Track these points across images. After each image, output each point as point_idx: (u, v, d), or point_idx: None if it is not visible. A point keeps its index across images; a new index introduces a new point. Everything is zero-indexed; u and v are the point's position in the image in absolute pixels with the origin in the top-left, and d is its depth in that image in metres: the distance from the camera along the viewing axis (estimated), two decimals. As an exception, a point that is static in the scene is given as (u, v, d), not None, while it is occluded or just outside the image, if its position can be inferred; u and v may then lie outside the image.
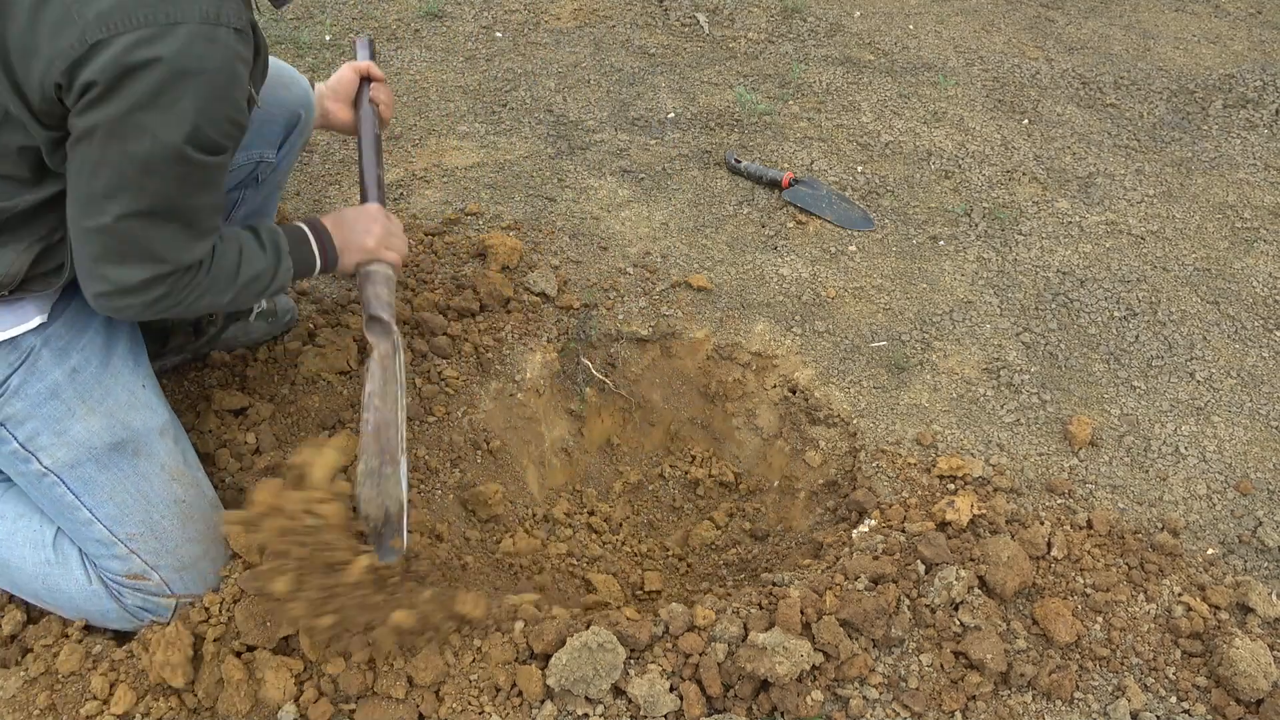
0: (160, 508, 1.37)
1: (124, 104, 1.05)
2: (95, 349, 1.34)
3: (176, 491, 1.39)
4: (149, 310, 1.22)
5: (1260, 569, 1.70)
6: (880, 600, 1.47)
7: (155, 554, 1.37)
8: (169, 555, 1.38)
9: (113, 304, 1.20)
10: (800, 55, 3.19)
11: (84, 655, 1.37)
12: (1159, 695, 1.49)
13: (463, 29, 3.20)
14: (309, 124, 1.71)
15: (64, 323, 1.32)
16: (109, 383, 1.34)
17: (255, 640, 1.35)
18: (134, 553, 1.36)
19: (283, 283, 1.38)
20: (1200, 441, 1.93)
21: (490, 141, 2.64)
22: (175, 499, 1.38)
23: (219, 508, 1.46)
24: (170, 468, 1.39)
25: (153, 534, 1.36)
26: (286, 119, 1.65)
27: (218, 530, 1.43)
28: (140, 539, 1.35)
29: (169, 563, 1.38)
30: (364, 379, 1.43)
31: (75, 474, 1.32)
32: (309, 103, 1.68)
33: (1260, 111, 3.02)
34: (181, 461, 1.42)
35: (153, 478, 1.36)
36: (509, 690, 1.37)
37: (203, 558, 1.41)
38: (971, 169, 2.68)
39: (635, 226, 2.37)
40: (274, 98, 1.56)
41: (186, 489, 1.41)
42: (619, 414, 2.16)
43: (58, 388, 1.30)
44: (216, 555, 1.43)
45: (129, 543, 1.35)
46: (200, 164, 1.13)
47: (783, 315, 2.15)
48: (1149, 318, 2.22)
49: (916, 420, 1.93)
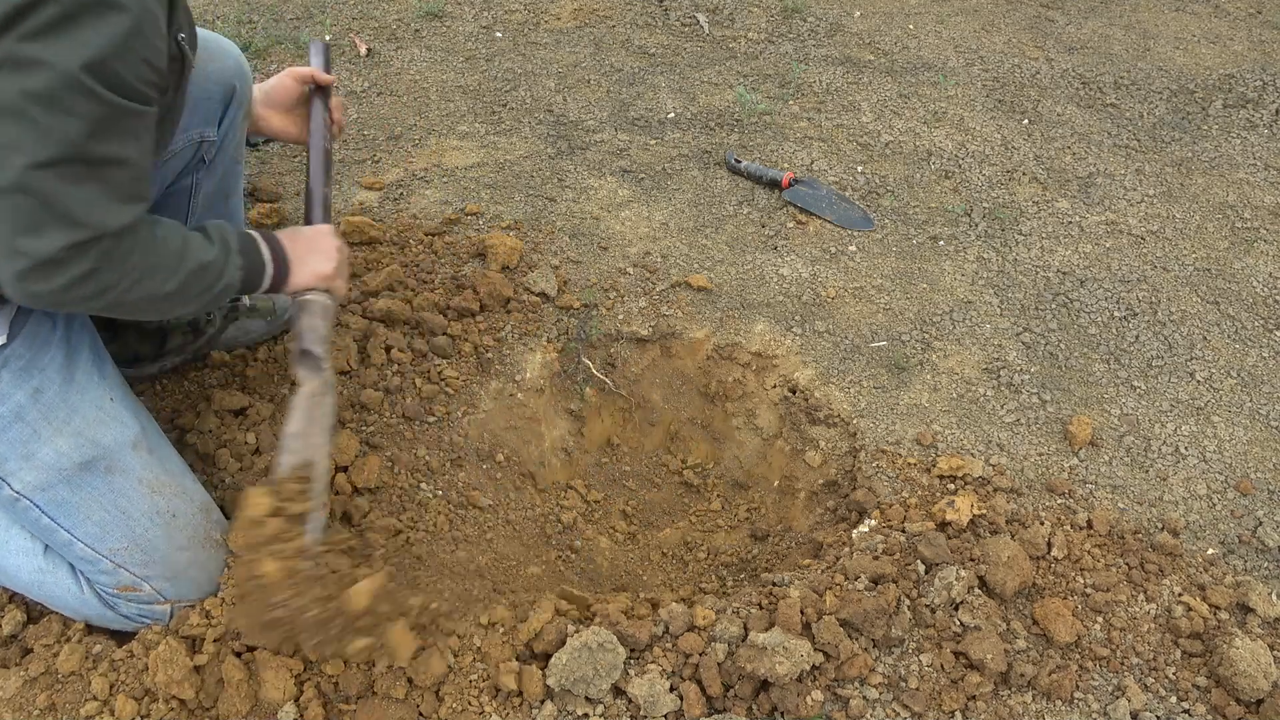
0: (143, 521, 1.32)
1: (18, 35, 0.97)
2: (57, 366, 1.27)
3: (158, 503, 1.34)
4: (80, 291, 1.09)
5: (1260, 569, 1.70)
6: (880, 600, 1.47)
7: (143, 565, 1.34)
8: (158, 566, 1.35)
9: (36, 287, 1.07)
10: (800, 55, 3.19)
11: (84, 656, 1.37)
12: (1159, 695, 1.49)
13: (463, 29, 3.20)
14: (246, 95, 1.62)
15: (23, 341, 1.24)
16: (74, 400, 1.28)
17: (255, 640, 1.35)
18: (121, 566, 1.32)
19: (232, 280, 1.28)
20: (1200, 441, 1.93)
21: (490, 141, 2.64)
22: (157, 511, 1.34)
23: (210, 510, 1.43)
24: (148, 480, 1.33)
25: (138, 547, 1.33)
26: (222, 93, 1.57)
27: (209, 534, 1.39)
28: (125, 553, 1.32)
29: (159, 573, 1.35)
30: (287, 415, 1.34)
31: (47, 497, 1.27)
32: (242, 72, 1.59)
33: (1260, 111, 3.02)
34: (161, 471, 1.36)
35: (130, 492, 1.31)
36: (509, 690, 1.37)
37: (193, 564, 1.38)
38: (971, 169, 2.68)
39: (635, 226, 2.37)
40: (204, 71, 1.48)
41: (170, 499, 1.36)
42: (619, 414, 2.16)
43: (21, 410, 1.24)
44: (209, 560, 1.40)
45: (114, 557, 1.32)
46: (109, 103, 1.04)
47: (783, 315, 2.15)
48: (1149, 318, 2.22)
49: (916, 420, 1.93)
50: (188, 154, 1.59)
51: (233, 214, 1.80)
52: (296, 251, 1.38)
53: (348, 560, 1.36)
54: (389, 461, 1.70)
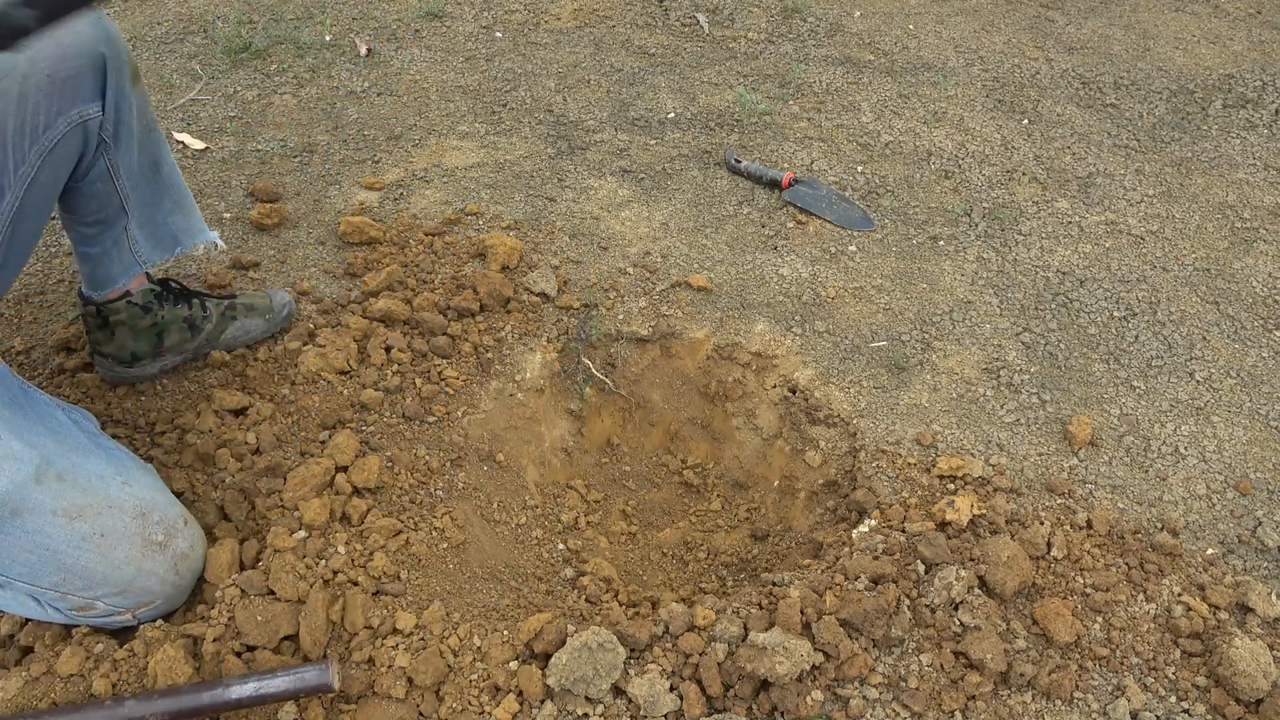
0: (70, 552, 1.25)
1: None
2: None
3: (81, 529, 1.26)
4: None
5: (1260, 569, 1.70)
6: (880, 600, 1.47)
7: (87, 589, 1.29)
8: (102, 586, 1.30)
9: None
10: (800, 55, 3.19)
11: (85, 656, 1.37)
12: (1159, 695, 1.49)
13: (463, 29, 3.20)
14: (122, 58, 1.47)
15: None
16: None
17: (255, 640, 1.35)
18: (65, 595, 1.28)
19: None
20: (1200, 441, 1.93)
21: (490, 141, 2.65)
22: (83, 537, 1.26)
23: (149, 511, 1.34)
24: (64, 509, 1.24)
25: (75, 576, 1.27)
26: (90, 65, 1.41)
27: (150, 539, 1.33)
28: (64, 583, 1.27)
29: (106, 591, 1.30)
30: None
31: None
32: (108, 37, 1.43)
33: (1260, 111, 3.02)
34: (78, 494, 1.26)
35: (46, 529, 1.23)
36: (509, 690, 1.37)
37: (140, 574, 1.33)
38: (971, 169, 2.68)
39: (635, 226, 2.37)
40: (59, 46, 1.35)
41: (94, 519, 1.27)
42: (619, 414, 2.16)
43: None
44: (157, 564, 1.34)
45: (55, 589, 1.28)
46: None
47: (783, 315, 2.15)
48: (1149, 318, 2.22)
49: (916, 420, 1.93)
50: (75, 139, 1.44)
51: (168, 183, 1.68)
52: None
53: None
54: (389, 461, 1.70)
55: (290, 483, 1.57)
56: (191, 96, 2.77)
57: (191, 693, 1.26)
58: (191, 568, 1.42)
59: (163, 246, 1.70)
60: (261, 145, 2.57)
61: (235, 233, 2.24)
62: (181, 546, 1.38)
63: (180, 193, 1.72)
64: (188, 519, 1.43)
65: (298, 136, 2.62)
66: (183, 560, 1.39)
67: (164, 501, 1.39)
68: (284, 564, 1.42)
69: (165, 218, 1.69)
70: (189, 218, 1.75)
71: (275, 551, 1.46)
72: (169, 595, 1.40)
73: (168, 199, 1.69)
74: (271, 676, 1.28)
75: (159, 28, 3.11)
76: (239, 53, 2.95)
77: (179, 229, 1.73)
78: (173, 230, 1.72)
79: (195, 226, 1.76)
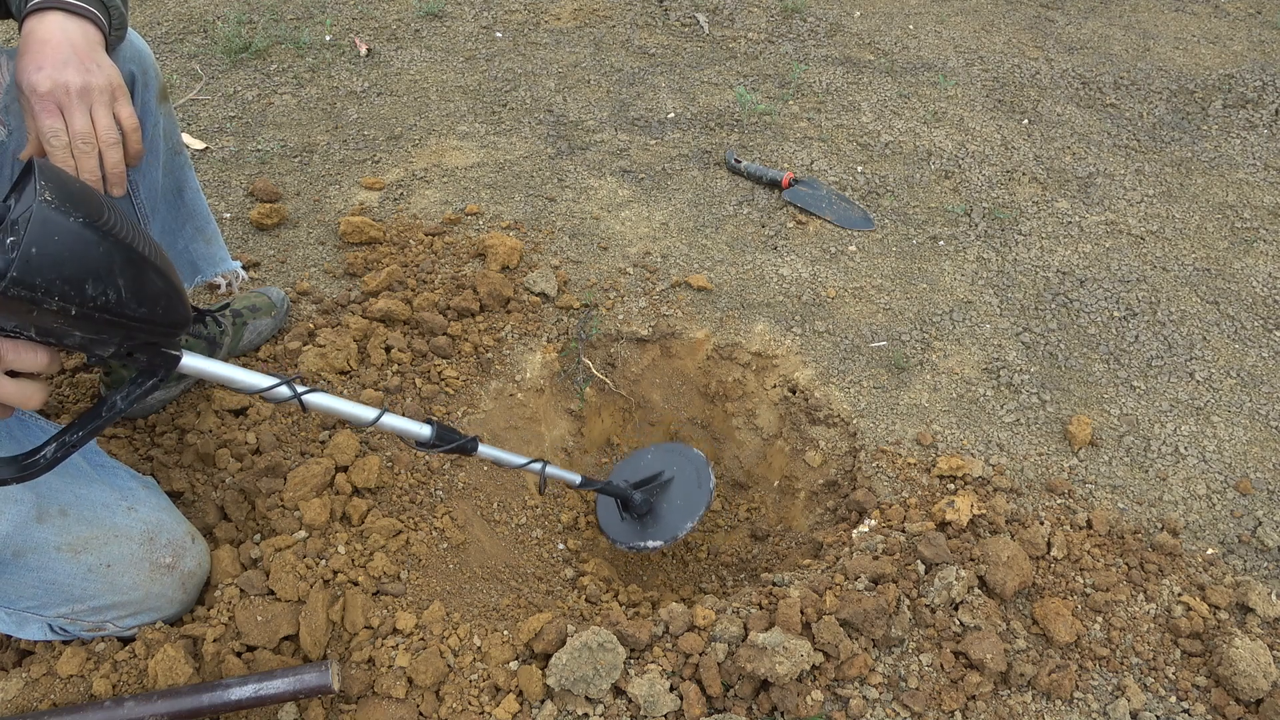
0: (77, 583, 1.25)
1: None
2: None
3: (88, 561, 1.25)
4: None
5: (1260, 569, 1.70)
6: (880, 600, 1.47)
7: (97, 613, 1.30)
8: (111, 610, 1.31)
9: None
10: (800, 55, 3.19)
11: (86, 657, 1.37)
12: (1159, 695, 1.49)
13: (463, 29, 3.20)
14: (153, 78, 1.46)
15: None
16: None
17: (255, 640, 1.35)
18: (75, 620, 1.29)
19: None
20: (1200, 441, 1.93)
21: (490, 141, 2.64)
22: (89, 569, 1.25)
23: (156, 534, 1.33)
24: (68, 543, 1.23)
25: (83, 604, 1.27)
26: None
27: (159, 562, 1.32)
28: (74, 612, 1.28)
29: (115, 614, 1.32)
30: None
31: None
32: (139, 55, 1.42)
33: (1260, 111, 3.02)
34: (82, 528, 1.25)
35: (51, 565, 1.22)
36: (509, 690, 1.37)
37: (149, 596, 1.33)
38: (971, 169, 2.68)
39: (635, 226, 2.37)
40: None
41: (100, 550, 1.26)
42: (619, 414, 2.16)
43: None
44: (167, 585, 1.34)
45: (66, 616, 1.28)
46: None
47: (783, 315, 2.15)
48: (1149, 318, 2.22)
49: (916, 420, 1.93)
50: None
51: (192, 210, 1.67)
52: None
53: None
54: (389, 461, 1.70)
55: (290, 483, 1.57)
56: (191, 96, 2.77)
57: (191, 694, 1.26)
58: (199, 583, 1.42)
59: (180, 274, 1.66)
60: (261, 145, 2.57)
61: (235, 233, 2.24)
62: (189, 565, 1.38)
63: (203, 220, 1.70)
64: (194, 535, 1.42)
65: (298, 136, 2.62)
66: (190, 578, 1.39)
67: (170, 521, 1.37)
68: (284, 564, 1.43)
69: (185, 244, 1.68)
70: (210, 246, 1.73)
71: (275, 551, 1.46)
72: (176, 610, 1.40)
73: (189, 225, 1.67)
74: (271, 678, 1.28)
75: (159, 28, 3.11)
76: (239, 53, 2.95)
77: (199, 257, 1.71)
78: (192, 258, 1.70)
79: (217, 255, 1.74)
